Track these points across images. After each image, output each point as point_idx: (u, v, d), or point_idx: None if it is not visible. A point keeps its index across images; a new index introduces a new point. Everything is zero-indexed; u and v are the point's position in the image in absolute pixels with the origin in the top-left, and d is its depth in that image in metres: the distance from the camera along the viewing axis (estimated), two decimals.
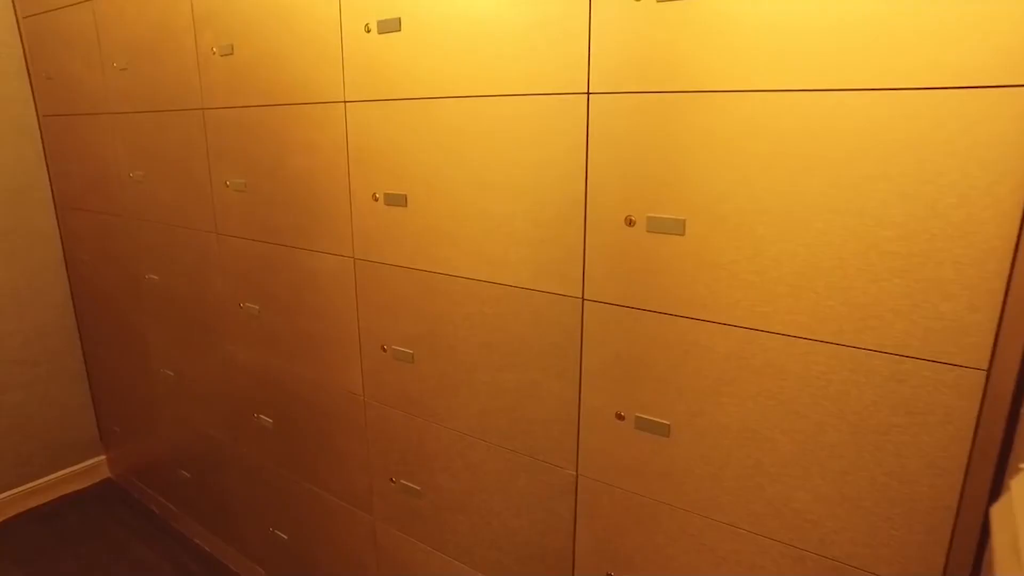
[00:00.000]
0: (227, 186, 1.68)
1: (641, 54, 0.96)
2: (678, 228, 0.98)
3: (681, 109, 0.94)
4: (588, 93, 1.02)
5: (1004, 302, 0.78)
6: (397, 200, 1.32)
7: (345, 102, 1.36)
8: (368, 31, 1.28)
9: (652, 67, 0.95)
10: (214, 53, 1.60)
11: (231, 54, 1.56)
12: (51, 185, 2.38)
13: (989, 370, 0.81)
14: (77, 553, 2.28)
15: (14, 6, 2.19)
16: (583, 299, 1.11)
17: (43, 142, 2.33)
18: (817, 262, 0.88)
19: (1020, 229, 0.76)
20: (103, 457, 2.71)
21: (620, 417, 1.11)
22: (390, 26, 1.24)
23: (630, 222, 1.02)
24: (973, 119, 0.75)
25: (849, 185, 0.84)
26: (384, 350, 1.44)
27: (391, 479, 1.53)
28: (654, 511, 1.12)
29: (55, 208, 2.40)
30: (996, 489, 0.84)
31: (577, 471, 1.20)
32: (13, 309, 2.36)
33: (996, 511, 0.64)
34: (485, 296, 1.23)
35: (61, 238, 2.43)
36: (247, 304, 1.75)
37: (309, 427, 1.70)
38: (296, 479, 1.79)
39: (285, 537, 1.91)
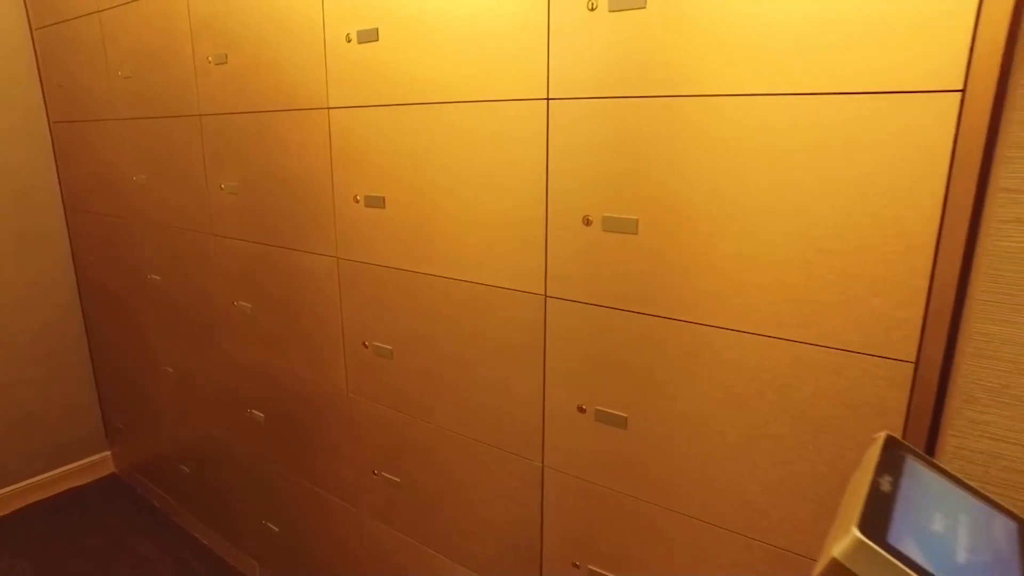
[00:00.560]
0: (222, 189, 1.75)
1: (595, 61, 1.00)
2: (631, 227, 1.02)
3: (632, 113, 0.98)
4: (548, 99, 1.07)
5: (928, 297, 0.82)
6: (376, 202, 1.38)
7: (328, 108, 1.42)
8: (349, 40, 1.34)
9: (606, 73, 1.00)
10: (210, 62, 1.67)
11: (225, 63, 1.63)
12: (60, 188, 2.47)
13: (917, 362, 0.84)
14: (81, 546, 2.35)
15: (28, 18, 2.29)
16: (546, 296, 1.15)
17: (53, 147, 2.43)
18: (761, 260, 0.92)
19: (940, 228, 0.80)
20: (108, 453, 2.79)
21: (581, 410, 1.16)
22: (368, 36, 1.30)
23: (587, 222, 1.07)
24: (899, 122, 0.79)
25: (789, 186, 0.88)
26: (366, 346, 1.50)
27: (373, 472, 1.58)
28: (615, 501, 1.16)
29: (64, 210, 2.49)
30: None
31: (543, 463, 1.24)
32: (23, 308, 2.44)
33: None
34: (457, 294, 1.28)
35: (69, 239, 2.52)
36: (240, 303, 1.81)
37: (298, 422, 1.76)
38: (286, 473, 1.85)
39: (276, 530, 1.97)
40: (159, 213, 2.02)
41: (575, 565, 1.25)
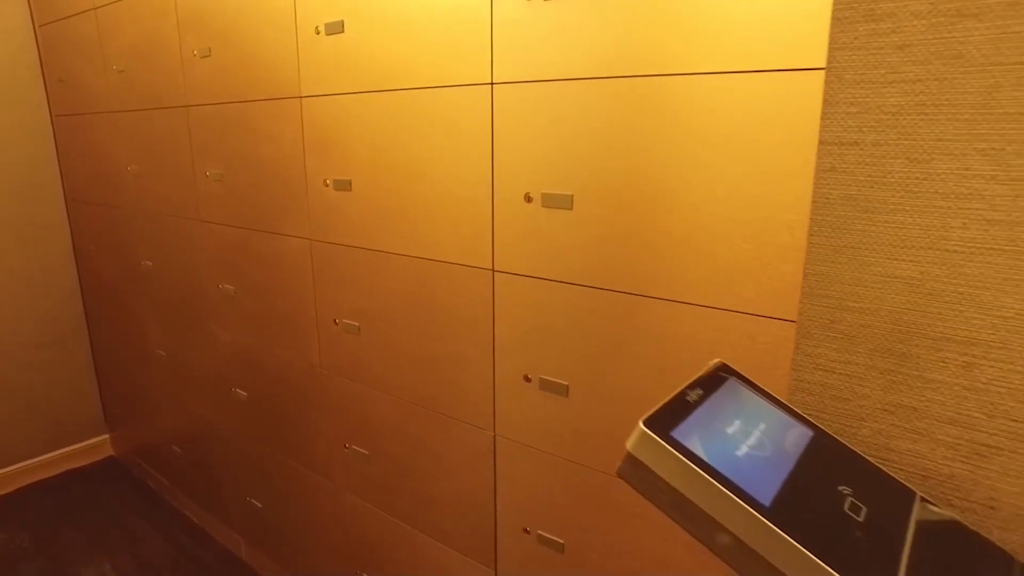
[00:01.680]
0: (208, 176, 1.84)
1: (533, 47, 1.07)
2: (567, 203, 1.09)
3: (563, 94, 1.05)
4: (492, 84, 1.14)
5: None
6: (343, 185, 1.45)
7: (300, 97, 1.50)
8: (318, 33, 1.42)
9: (542, 58, 1.07)
10: (195, 55, 1.76)
11: (209, 56, 1.72)
12: (62, 180, 2.57)
13: None
14: (78, 522, 2.44)
15: (31, 15, 2.40)
16: (493, 271, 1.22)
17: (55, 140, 2.53)
18: (687, 232, 0.98)
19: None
20: (107, 436, 2.89)
21: (527, 379, 1.22)
22: (335, 28, 1.37)
23: (528, 199, 1.13)
24: (788, 98, 0.85)
25: (708, 161, 0.94)
26: (336, 324, 1.57)
27: (345, 445, 1.65)
28: (560, 468, 1.22)
29: (65, 201, 2.60)
30: None
31: (495, 432, 1.30)
32: (26, 296, 2.55)
33: None
34: (415, 271, 1.35)
35: (71, 230, 2.62)
36: (224, 286, 1.89)
37: (276, 399, 1.83)
38: (267, 450, 1.93)
39: (260, 506, 2.05)
40: (151, 201, 2.11)
41: (525, 531, 1.31)
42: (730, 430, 0.47)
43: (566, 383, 1.17)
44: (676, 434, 0.43)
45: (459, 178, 1.23)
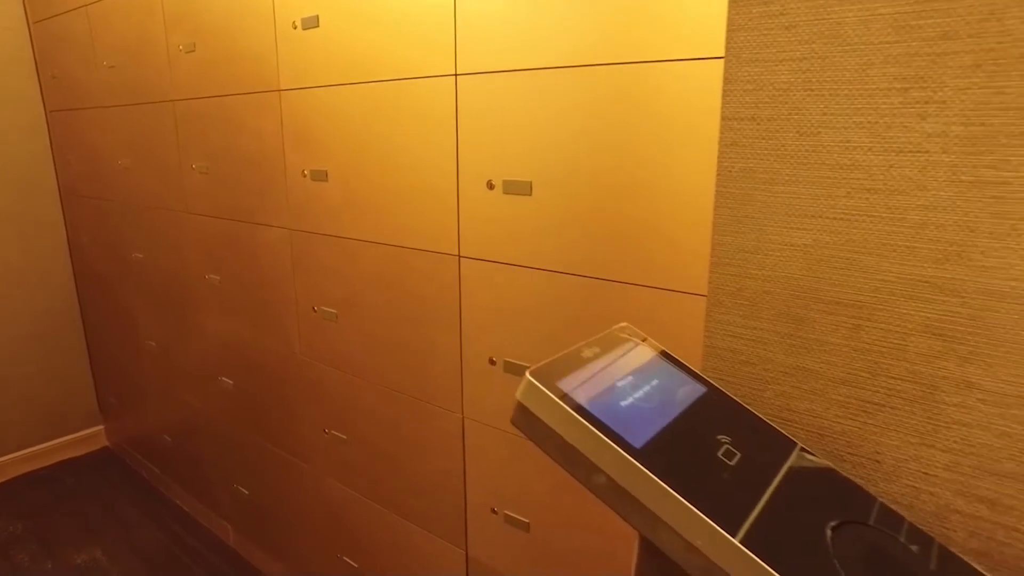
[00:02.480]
0: (193, 169, 1.88)
1: (493, 39, 1.11)
2: (526, 189, 1.12)
3: (522, 84, 1.09)
4: (456, 75, 1.18)
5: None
6: (320, 176, 1.49)
7: (279, 91, 1.53)
8: (295, 27, 1.45)
9: (501, 49, 1.10)
10: (181, 51, 1.80)
11: (194, 51, 1.76)
12: (56, 175, 2.62)
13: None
14: (71, 511, 2.49)
15: (26, 13, 2.45)
16: (459, 256, 1.26)
17: (49, 135, 2.58)
18: (644, 216, 1.01)
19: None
20: (101, 427, 2.93)
21: (492, 362, 1.26)
22: (311, 23, 1.41)
23: (490, 186, 1.17)
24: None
25: (665, 149, 0.96)
26: (315, 311, 1.61)
27: (324, 430, 1.69)
28: (525, 449, 1.25)
29: (60, 195, 2.65)
30: None
31: (463, 414, 1.34)
32: (23, 289, 2.60)
33: None
34: (390, 258, 1.39)
35: (65, 224, 2.67)
36: (210, 276, 1.93)
37: (260, 386, 1.87)
38: (252, 436, 1.97)
39: (247, 492, 2.09)
40: (141, 194, 2.15)
41: (493, 511, 1.35)
42: (620, 384, 0.50)
43: (528, 365, 1.20)
44: (561, 384, 0.47)
45: (427, 167, 1.27)
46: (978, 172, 0.47)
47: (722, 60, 0.91)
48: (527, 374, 0.46)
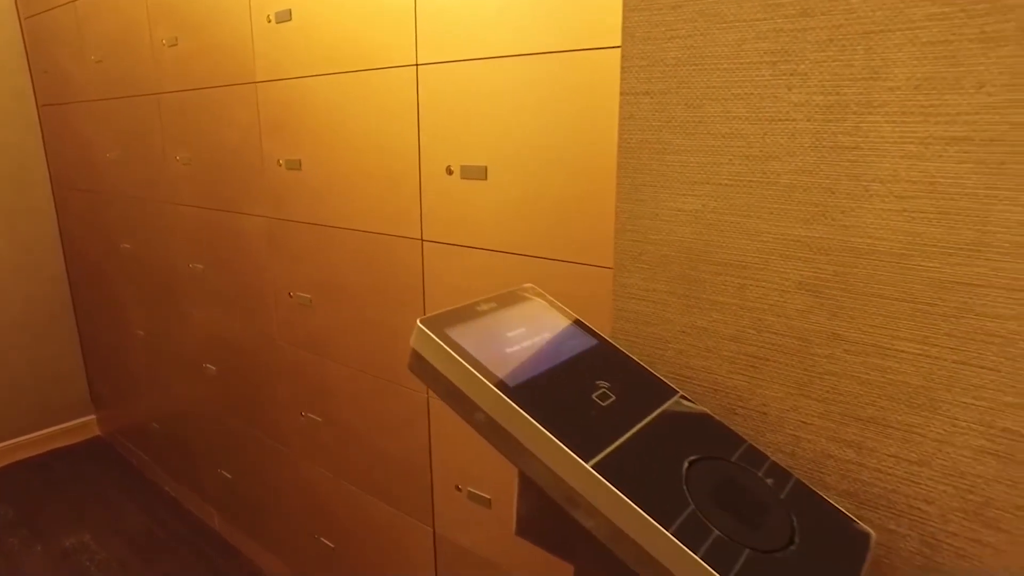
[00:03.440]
0: (177, 160, 1.93)
1: (450, 30, 1.15)
2: (482, 174, 1.17)
3: (474, 73, 1.13)
4: (416, 65, 1.22)
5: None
6: (294, 165, 1.54)
7: (255, 83, 1.58)
8: (269, 21, 1.50)
9: (458, 39, 1.15)
10: (164, 44, 1.85)
11: (176, 45, 1.81)
12: (48, 167, 2.68)
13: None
14: (61, 497, 2.54)
15: (17, 8, 2.50)
16: (422, 240, 1.30)
17: (41, 129, 2.63)
18: (590, 197, 1.05)
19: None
20: (93, 416, 2.99)
21: None
22: (284, 16, 1.46)
23: (449, 171, 1.21)
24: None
25: (610, 129, 1.01)
26: (291, 296, 1.66)
27: (301, 413, 1.74)
28: None
29: (52, 188, 2.70)
30: None
31: (428, 393, 1.38)
32: (15, 279, 2.65)
33: None
34: (358, 243, 1.43)
35: (57, 215, 2.73)
36: (194, 264, 1.98)
37: (242, 372, 1.92)
38: (235, 421, 2.02)
39: (230, 477, 2.13)
40: (128, 186, 2.20)
41: (457, 488, 1.39)
42: (510, 334, 0.54)
43: None
44: (450, 331, 0.51)
45: (391, 154, 1.31)
46: (836, 138, 0.51)
47: None
48: (417, 321, 0.51)
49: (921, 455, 0.51)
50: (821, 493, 0.51)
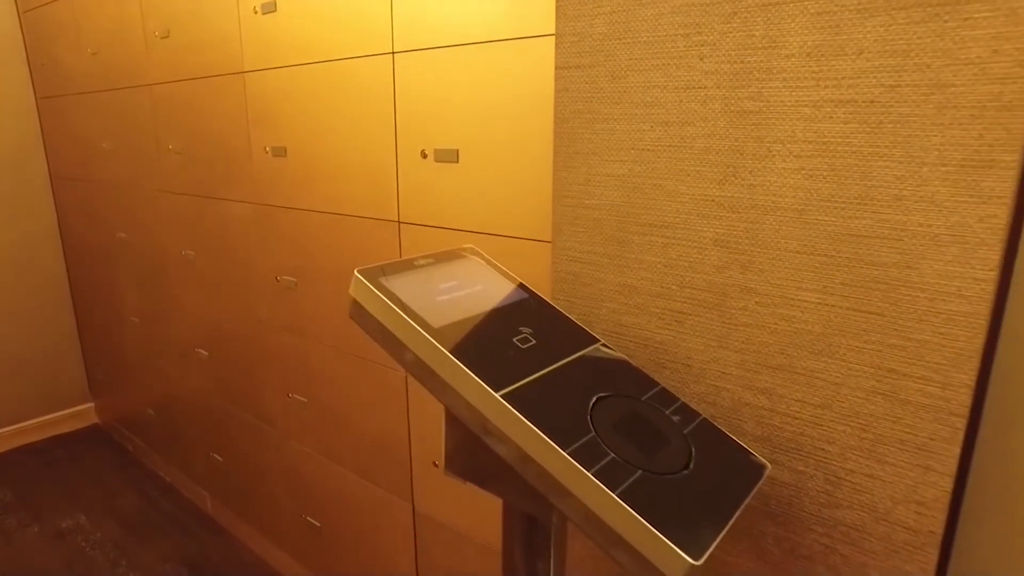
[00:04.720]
0: (170, 149, 1.98)
1: (424, 18, 1.20)
2: (454, 157, 1.21)
3: (446, 59, 1.17)
4: (393, 53, 1.27)
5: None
6: (280, 152, 1.58)
7: (243, 73, 1.63)
8: (256, 12, 1.55)
9: (431, 27, 1.19)
10: (156, 36, 1.90)
11: (168, 37, 1.86)
12: (47, 158, 2.73)
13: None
14: (58, 481, 2.60)
15: (16, 3, 2.56)
16: (399, 222, 1.34)
17: (39, 121, 2.69)
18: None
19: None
20: (91, 404, 3.05)
21: None
22: (269, 7, 1.51)
23: (424, 155, 1.26)
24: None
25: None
26: (277, 280, 1.70)
27: (287, 395, 1.78)
28: None
29: (50, 178, 2.76)
30: None
31: (406, 373, 1.43)
32: (14, 268, 2.71)
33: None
34: (340, 227, 1.48)
35: (55, 205, 2.79)
36: (186, 251, 2.03)
37: (232, 356, 1.97)
38: (226, 404, 2.07)
39: (221, 460, 2.18)
40: (122, 176, 2.25)
41: (435, 464, 1.44)
42: (443, 285, 0.59)
43: None
44: (385, 281, 0.55)
45: (371, 139, 1.36)
46: (742, 103, 0.55)
47: None
48: (355, 271, 0.55)
49: (823, 398, 0.55)
50: (736, 438, 0.55)
